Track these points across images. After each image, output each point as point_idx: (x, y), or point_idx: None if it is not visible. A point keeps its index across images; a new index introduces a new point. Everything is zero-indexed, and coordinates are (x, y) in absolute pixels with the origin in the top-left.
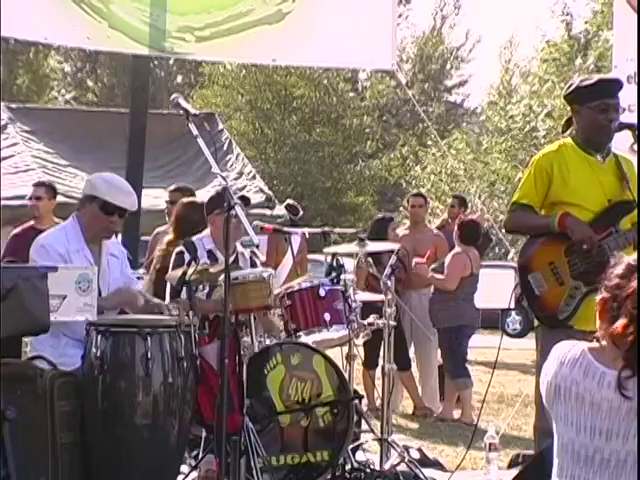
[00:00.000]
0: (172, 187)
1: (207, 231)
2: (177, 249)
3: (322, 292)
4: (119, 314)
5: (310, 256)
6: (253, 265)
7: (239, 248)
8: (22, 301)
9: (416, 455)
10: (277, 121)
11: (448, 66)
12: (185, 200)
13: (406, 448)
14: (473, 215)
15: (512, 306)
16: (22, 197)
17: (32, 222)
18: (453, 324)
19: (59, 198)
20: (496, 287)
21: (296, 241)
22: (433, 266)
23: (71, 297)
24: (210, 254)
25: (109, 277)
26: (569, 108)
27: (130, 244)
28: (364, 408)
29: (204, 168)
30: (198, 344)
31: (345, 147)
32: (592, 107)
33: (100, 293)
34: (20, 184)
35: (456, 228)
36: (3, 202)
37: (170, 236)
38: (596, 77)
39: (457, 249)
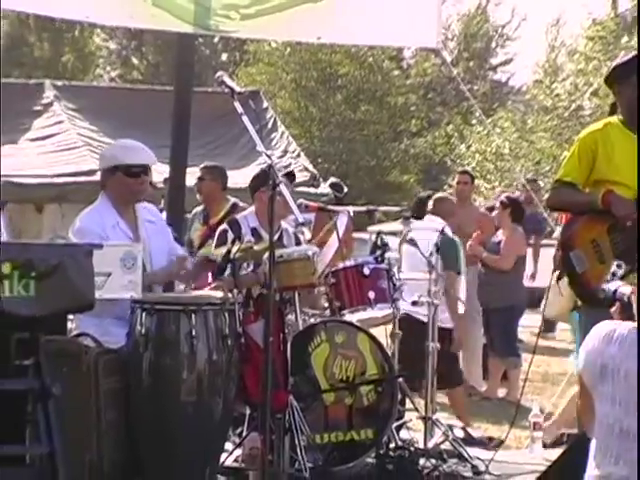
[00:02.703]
0: (202, 165)
1: (252, 209)
2: (221, 227)
3: (366, 271)
4: (164, 291)
5: (355, 234)
6: (297, 243)
7: (283, 225)
8: (67, 278)
9: (460, 434)
10: (322, 99)
11: (493, 44)
12: None
13: (450, 427)
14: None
15: (553, 285)
16: (66, 175)
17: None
18: (506, 304)
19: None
20: (540, 266)
21: (342, 221)
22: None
23: (116, 274)
24: (254, 232)
25: (150, 246)
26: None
27: (175, 222)
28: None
29: (249, 146)
30: (243, 322)
31: (390, 125)
32: (631, 83)
33: (144, 264)
34: (65, 162)
35: (501, 207)
36: (49, 180)
37: None
38: (632, 53)
39: (511, 228)
